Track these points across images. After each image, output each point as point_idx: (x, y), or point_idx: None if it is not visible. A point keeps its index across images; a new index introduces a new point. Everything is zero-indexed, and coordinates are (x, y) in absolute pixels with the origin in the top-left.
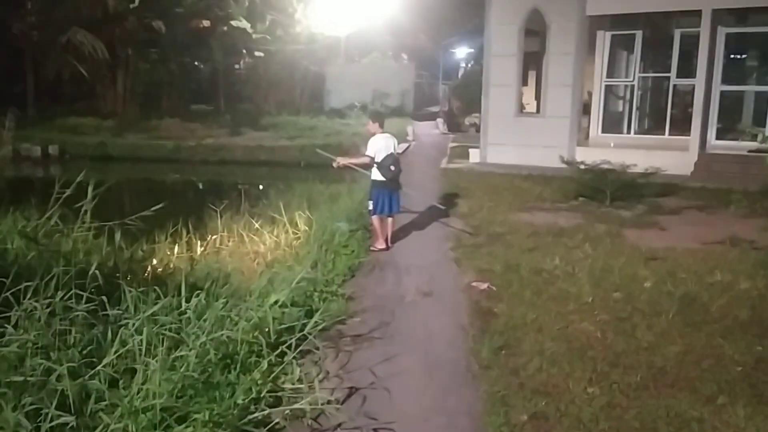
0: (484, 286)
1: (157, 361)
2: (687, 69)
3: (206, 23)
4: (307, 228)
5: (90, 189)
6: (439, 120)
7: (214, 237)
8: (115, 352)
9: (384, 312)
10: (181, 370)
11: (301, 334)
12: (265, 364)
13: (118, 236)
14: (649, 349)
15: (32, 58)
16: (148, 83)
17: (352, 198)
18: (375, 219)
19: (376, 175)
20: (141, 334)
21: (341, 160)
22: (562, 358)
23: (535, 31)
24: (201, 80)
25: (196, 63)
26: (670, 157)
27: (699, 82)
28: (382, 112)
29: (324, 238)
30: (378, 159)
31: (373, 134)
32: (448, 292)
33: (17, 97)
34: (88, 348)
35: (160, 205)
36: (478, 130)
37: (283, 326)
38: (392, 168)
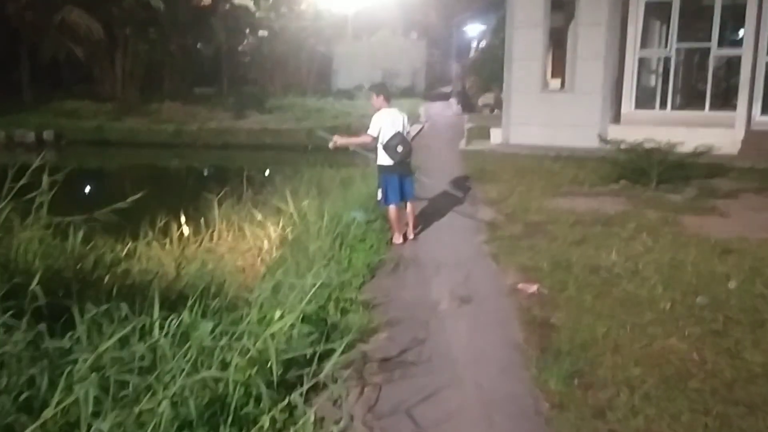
0: (533, 288)
1: (110, 418)
2: (729, 39)
3: (207, 1)
4: (317, 219)
5: (45, 177)
6: (452, 100)
7: (212, 231)
8: (58, 403)
9: (415, 325)
10: (149, 430)
11: (315, 369)
12: (266, 421)
13: (80, 235)
14: None
15: (27, 40)
16: (148, 65)
17: (367, 183)
18: (390, 210)
19: (382, 158)
20: (96, 373)
21: (339, 140)
22: (658, 392)
23: (558, 1)
24: (203, 62)
25: (197, 44)
26: (713, 134)
27: (746, 52)
28: (386, 84)
29: (337, 230)
30: (383, 139)
31: (378, 109)
32: (491, 297)
33: (12, 80)
34: (26, 395)
35: (138, 195)
36: (492, 111)
37: (292, 354)
38: (399, 149)
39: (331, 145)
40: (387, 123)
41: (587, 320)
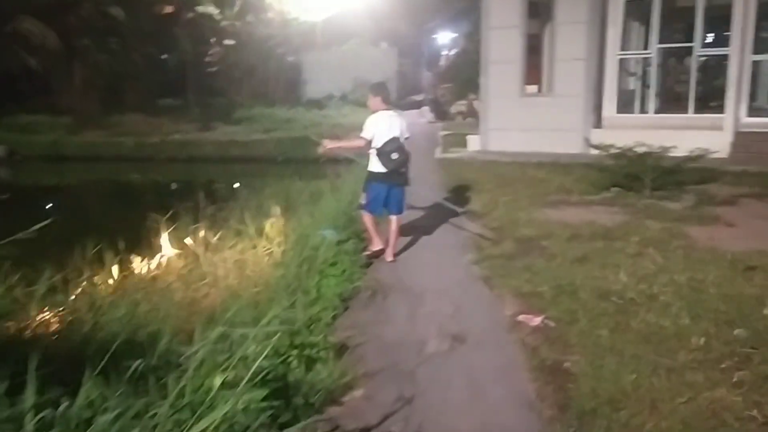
0: (537, 320)
1: None
2: (713, 38)
3: (170, 9)
4: (282, 240)
5: None
6: (425, 108)
7: (160, 257)
8: None
9: (399, 376)
10: None
11: None
12: None
13: None
14: None
15: None
16: (109, 76)
17: (338, 197)
18: (365, 216)
19: (374, 164)
20: None
21: (328, 144)
22: None
23: (533, 2)
24: (168, 72)
25: (162, 54)
26: (700, 137)
27: (733, 52)
28: (386, 84)
29: (305, 254)
30: (377, 143)
31: (375, 111)
32: (489, 334)
33: None
34: None
35: (45, 223)
36: (465, 118)
37: None
38: (394, 156)
39: (320, 149)
40: (383, 127)
41: (609, 364)
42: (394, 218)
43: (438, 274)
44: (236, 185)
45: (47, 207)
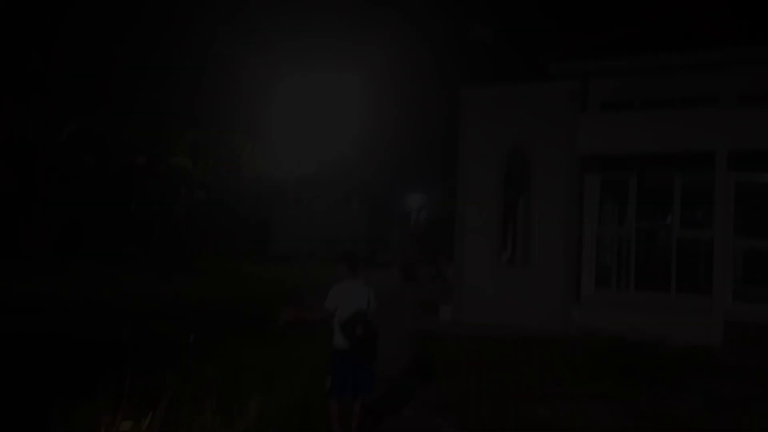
0: None
1: None
2: (690, 219)
3: (142, 161)
4: None
5: None
6: (394, 269)
7: None
8: None
9: None
10: None
11: None
12: None
13: None
14: None
15: None
16: (69, 222)
17: (293, 380)
18: (331, 408)
19: (337, 339)
20: None
21: (289, 315)
22: None
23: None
24: (132, 220)
25: (128, 202)
26: (687, 322)
27: (719, 234)
28: (355, 252)
29: None
30: (341, 316)
31: (341, 280)
32: None
33: None
34: None
35: None
36: (434, 281)
37: None
38: (359, 332)
39: (280, 322)
40: (347, 297)
41: None
42: (359, 400)
43: None
44: (176, 352)
45: None
